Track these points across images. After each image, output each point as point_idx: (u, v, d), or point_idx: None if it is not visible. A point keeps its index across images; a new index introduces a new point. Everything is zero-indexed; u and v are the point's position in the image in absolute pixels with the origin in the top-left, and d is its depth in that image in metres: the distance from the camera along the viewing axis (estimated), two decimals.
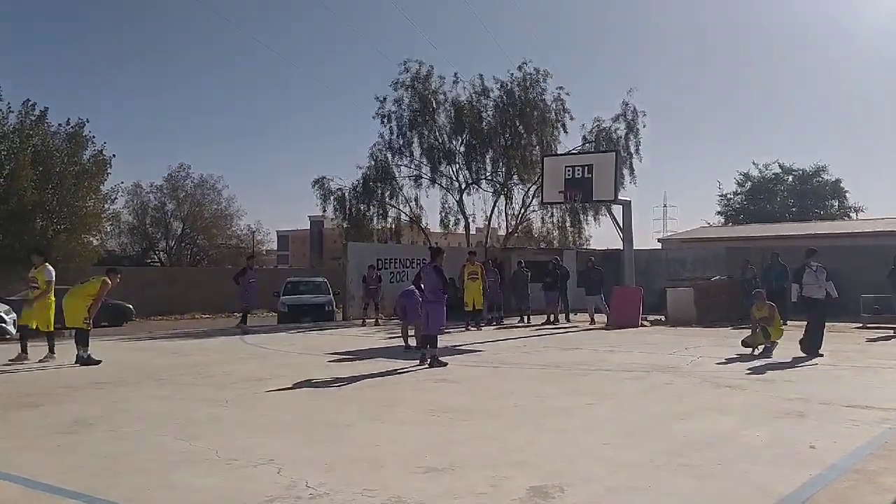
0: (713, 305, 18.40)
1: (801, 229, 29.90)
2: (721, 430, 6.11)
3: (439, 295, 10.68)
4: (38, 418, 6.85)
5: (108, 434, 6.13)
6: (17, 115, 22.47)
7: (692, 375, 9.31)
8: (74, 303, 11.13)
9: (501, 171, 29.74)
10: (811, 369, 9.89)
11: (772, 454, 5.30)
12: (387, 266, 21.15)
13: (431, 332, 10.60)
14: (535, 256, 23.78)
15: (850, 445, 5.53)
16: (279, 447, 5.58)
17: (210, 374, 9.79)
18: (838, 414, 6.73)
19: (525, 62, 29.00)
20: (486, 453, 5.37)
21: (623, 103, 29.26)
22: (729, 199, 50.68)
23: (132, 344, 14.73)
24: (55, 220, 23.00)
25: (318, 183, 29.44)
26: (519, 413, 6.97)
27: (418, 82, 29.11)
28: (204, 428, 6.34)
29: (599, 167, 18.93)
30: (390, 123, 29.35)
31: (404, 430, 6.25)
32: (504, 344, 13.89)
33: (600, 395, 7.97)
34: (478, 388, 8.51)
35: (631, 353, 11.96)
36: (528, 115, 28.71)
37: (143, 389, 8.56)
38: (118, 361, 11.32)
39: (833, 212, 46.40)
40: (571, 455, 5.32)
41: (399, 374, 9.75)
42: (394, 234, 30.27)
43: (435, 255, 11.04)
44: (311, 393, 8.29)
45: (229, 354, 12.31)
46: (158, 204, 44.44)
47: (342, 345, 13.60)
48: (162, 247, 45.33)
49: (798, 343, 11.39)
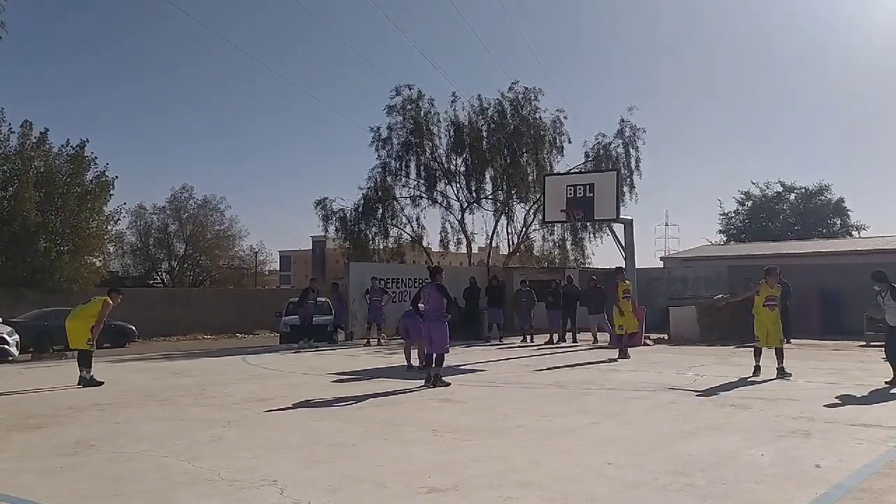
0: (716, 324, 18.36)
1: (803, 247, 29.85)
2: (726, 449, 6.08)
3: (441, 314, 10.66)
4: (41, 439, 6.84)
5: (110, 455, 6.11)
6: (18, 136, 22.61)
7: (696, 394, 9.28)
8: (77, 324, 11.13)
9: (502, 190, 29.84)
10: (815, 388, 9.85)
11: (777, 473, 5.27)
12: (389, 286, 21.15)
13: (436, 350, 10.59)
14: (537, 276, 23.77)
15: (856, 464, 5.50)
16: (282, 468, 5.56)
17: (212, 395, 9.77)
18: (843, 433, 6.70)
19: (515, 82, 29.42)
20: (490, 473, 5.35)
21: (621, 121, 29.44)
22: (730, 218, 50.67)
23: (134, 365, 14.71)
24: (58, 242, 23.07)
25: (319, 203, 29.55)
26: (523, 433, 6.94)
27: (410, 105, 29.35)
28: (206, 448, 6.32)
29: (601, 186, 18.99)
30: (386, 148, 29.62)
31: (408, 450, 6.22)
32: (507, 363, 13.86)
33: (604, 414, 7.94)
34: (481, 408, 8.48)
35: (634, 372, 11.93)
36: (524, 134, 28.90)
37: (145, 410, 8.54)
38: (120, 382, 11.31)
39: (835, 230, 46.38)
40: (576, 475, 5.29)
41: (402, 394, 9.71)
42: (395, 253, 30.30)
43: (435, 274, 11.03)
44: (314, 413, 8.27)
45: (231, 375, 12.29)
46: (161, 225, 44.61)
47: (345, 365, 13.58)
48: (165, 267, 45.41)
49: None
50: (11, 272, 21.66)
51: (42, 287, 22.55)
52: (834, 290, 20.54)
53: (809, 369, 12.06)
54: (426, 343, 10.79)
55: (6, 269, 21.83)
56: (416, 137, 29.35)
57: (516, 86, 29.24)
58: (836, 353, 15.21)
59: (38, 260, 21.58)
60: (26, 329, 20.69)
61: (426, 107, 29.53)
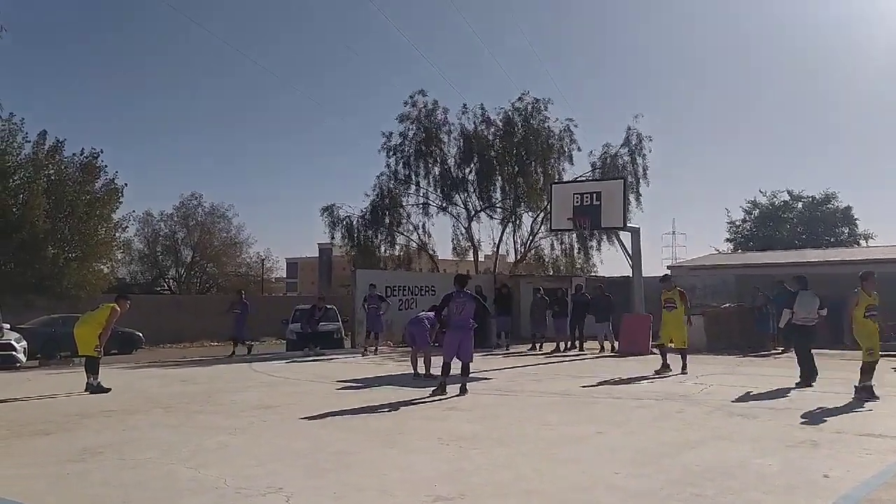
0: (723, 333, 18.30)
1: (810, 256, 29.73)
2: (733, 458, 6.05)
3: (470, 323, 10.54)
4: (48, 446, 6.86)
5: (117, 462, 6.12)
6: (33, 145, 22.73)
7: (703, 404, 9.24)
8: (85, 331, 11.16)
9: (510, 198, 29.89)
10: (823, 397, 9.80)
11: (785, 483, 5.25)
12: (395, 293, 21.14)
13: (466, 359, 10.54)
14: (543, 283, 23.72)
15: (865, 475, 5.48)
16: (288, 475, 5.57)
17: (219, 402, 9.78)
18: (852, 443, 6.66)
19: (524, 93, 29.54)
20: (497, 482, 5.34)
21: (628, 129, 29.47)
22: (738, 227, 50.57)
23: (142, 372, 14.74)
24: (66, 249, 23.15)
25: (326, 210, 29.64)
26: (529, 441, 6.92)
27: (423, 115, 29.47)
28: (213, 456, 6.33)
29: (608, 194, 18.98)
30: (395, 155, 29.72)
31: (413, 458, 6.22)
32: (514, 371, 13.83)
33: (611, 423, 7.92)
34: (488, 416, 8.46)
35: (641, 381, 11.89)
36: (532, 143, 28.96)
37: (152, 417, 8.56)
38: (128, 389, 11.33)
39: (843, 239, 46.20)
40: (583, 484, 5.28)
41: (408, 402, 9.70)
42: (402, 261, 30.34)
43: (464, 283, 10.75)
44: (320, 421, 8.26)
45: (238, 382, 12.30)
46: (169, 232, 44.79)
47: (351, 372, 13.57)
48: (172, 274, 45.56)
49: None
50: (20, 278, 21.73)
51: (50, 293, 22.64)
52: (842, 299, 20.40)
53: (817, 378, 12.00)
54: (449, 351, 10.55)
55: (15, 276, 21.90)
56: (426, 145, 29.47)
57: (526, 96, 29.42)
58: (843, 362, 15.12)
59: (46, 266, 21.66)
60: (34, 335, 20.77)
61: (440, 116, 29.69)
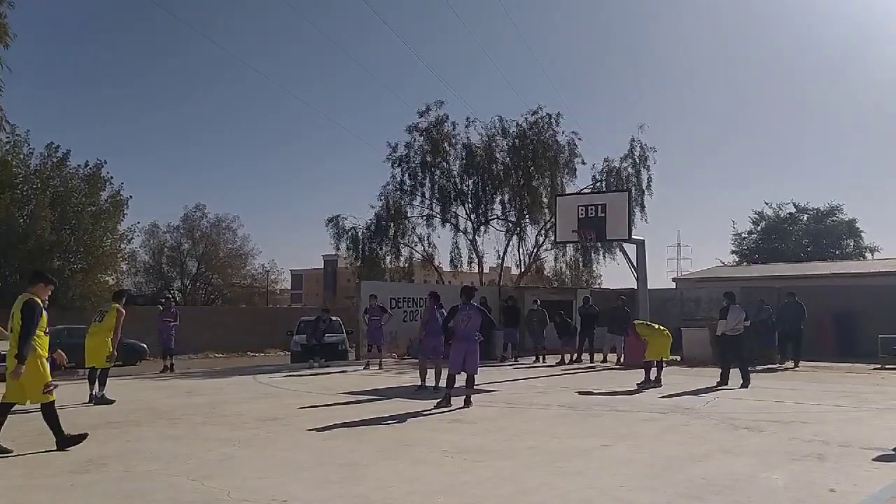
0: None
1: (816, 269, 29.66)
2: (739, 472, 6.02)
3: (477, 335, 10.53)
4: (52, 457, 6.86)
5: (121, 474, 6.12)
6: (40, 157, 22.87)
7: (709, 417, 9.21)
8: (96, 342, 11.07)
9: (514, 210, 29.93)
10: (829, 411, 9.75)
11: (791, 497, 5.22)
12: (400, 305, 21.12)
13: (473, 371, 10.52)
14: (548, 296, 23.69)
15: (871, 489, 5.44)
16: (292, 488, 5.55)
17: (223, 414, 9.77)
18: (858, 456, 6.63)
19: (540, 107, 29.60)
20: (502, 495, 5.32)
21: (632, 139, 29.50)
22: (743, 239, 50.53)
23: (146, 383, 14.74)
24: (72, 260, 23.25)
25: (331, 221, 29.71)
26: (534, 454, 6.90)
27: (433, 127, 29.54)
28: (217, 468, 6.32)
29: (612, 206, 18.99)
30: (401, 166, 29.78)
31: (419, 470, 6.20)
32: (519, 384, 13.80)
33: (616, 436, 7.89)
34: (493, 429, 8.44)
35: (646, 394, 11.85)
36: (541, 156, 29.01)
37: (156, 429, 8.55)
38: (132, 400, 11.33)
39: (848, 251, 46.10)
40: (588, 497, 5.26)
41: (413, 413, 9.68)
42: (407, 272, 30.35)
43: (470, 295, 10.75)
44: (325, 433, 8.24)
45: (242, 394, 12.29)
46: (174, 243, 44.88)
47: (356, 384, 13.55)
48: (177, 286, 45.62)
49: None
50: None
51: (55, 305, 22.69)
52: (847, 312, 20.39)
53: (823, 392, 11.96)
54: (455, 363, 10.50)
55: (20, 287, 22.00)
56: (433, 157, 29.54)
57: (541, 110, 29.52)
58: (849, 375, 15.07)
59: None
60: None
61: (448, 128, 29.78)
